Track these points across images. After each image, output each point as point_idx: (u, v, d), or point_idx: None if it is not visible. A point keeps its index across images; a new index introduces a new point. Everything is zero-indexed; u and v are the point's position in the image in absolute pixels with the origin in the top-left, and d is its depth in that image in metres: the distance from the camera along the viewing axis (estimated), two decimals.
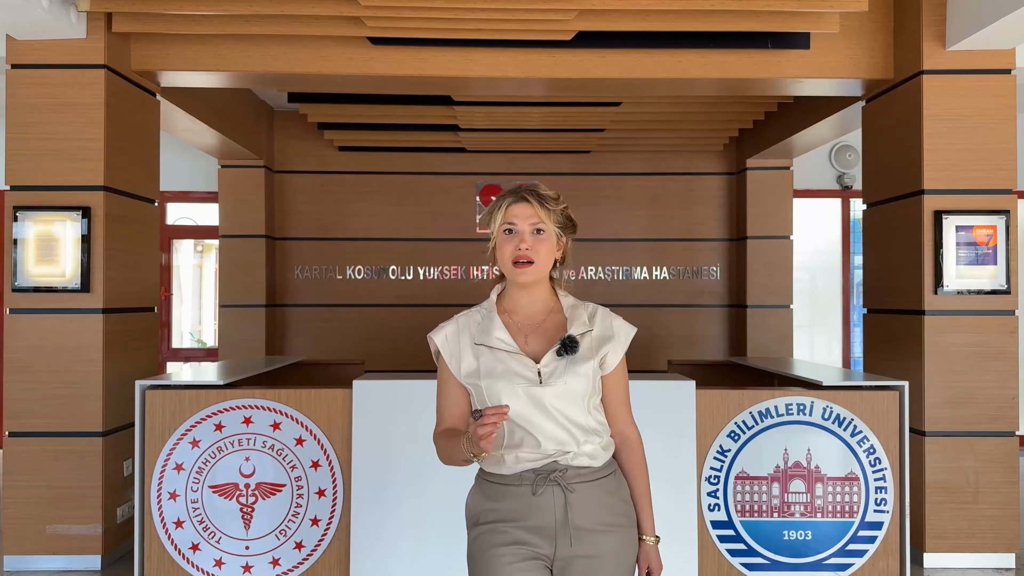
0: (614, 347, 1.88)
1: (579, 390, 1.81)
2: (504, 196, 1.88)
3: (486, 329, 1.86)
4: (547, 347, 1.84)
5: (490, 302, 1.92)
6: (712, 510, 3.60)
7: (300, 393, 3.61)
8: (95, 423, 3.98)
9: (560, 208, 1.89)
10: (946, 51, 4.04)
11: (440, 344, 1.88)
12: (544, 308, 1.91)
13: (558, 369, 1.80)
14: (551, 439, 1.78)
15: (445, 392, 1.89)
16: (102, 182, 3.99)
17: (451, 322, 1.91)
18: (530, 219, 1.84)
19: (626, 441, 1.93)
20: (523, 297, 1.89)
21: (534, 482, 1.78)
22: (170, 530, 3.56)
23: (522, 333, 1.87)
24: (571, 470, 1.79)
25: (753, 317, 6.79)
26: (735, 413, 3.62)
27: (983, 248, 4.04)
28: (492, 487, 1.84)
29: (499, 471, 1.82)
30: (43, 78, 3.98)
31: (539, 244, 1.84)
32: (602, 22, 3.96)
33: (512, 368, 1.80)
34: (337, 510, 3.57)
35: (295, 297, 7.03)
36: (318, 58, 4.21)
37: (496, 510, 1.81)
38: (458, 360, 1.86)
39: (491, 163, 7.04)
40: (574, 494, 1.78)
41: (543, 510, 1.77)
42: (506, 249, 1.84)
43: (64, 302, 3.98)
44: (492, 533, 1.80)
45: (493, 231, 1.88)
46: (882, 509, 3.59)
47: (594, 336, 1.87)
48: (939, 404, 4.03)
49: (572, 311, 1.90)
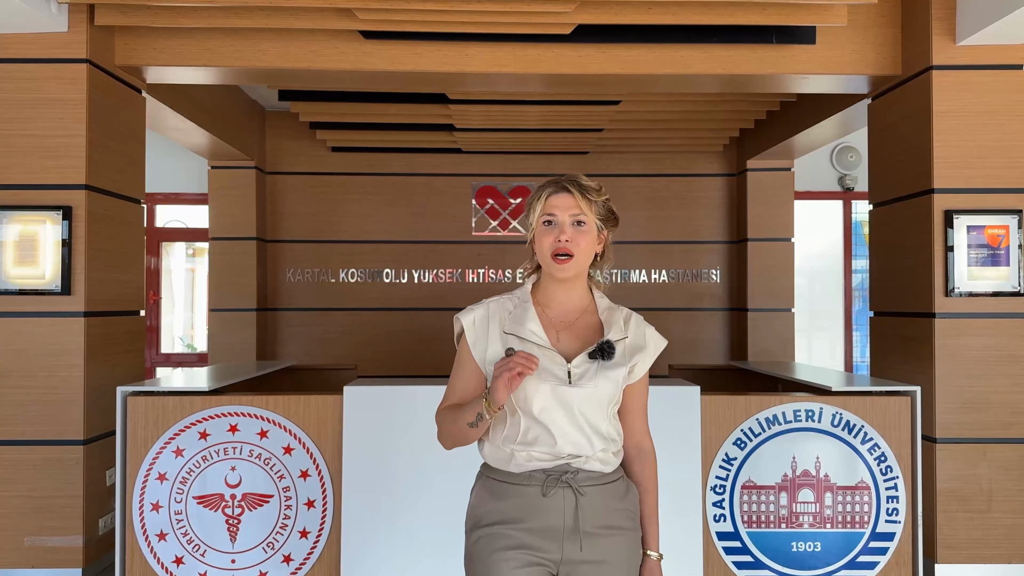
0: (644, 357, 1.84)
1: (607, 396, 1.76)
2: (545, 186, 1.82)
3: (519, 319, 1.80)
4: (578, 346, 1.79)
5: (525, 291, 1.86)
6: (718, 521, 3.47)
7: (288, 400, 3.46)
8: (76, 431, 3.83)
9: (603, 200, 1.83)
10: (956, 46, 3.93)
11: (467, 326, 1.82)
12: (580, 306, 1.85)
13: (589, 371, 1.75)
14: (569, 441, 1.73)
15: (461, 374, 1.83)
16: (84, 181, 3.84)
17: (480, 305, 1.84)
18: (571, 210, 1.78)
19: (641, 452, 1.89)
20: (560, 292, 1.84)
21: (544, 483, 1.72)
22: (153, 543, 3.41)
23: (554, 328, 1.81)
24: (582, 473, 1.74)
25: (754, 320, 6.67)
26: (741, 420, 3.48)
27: (995, 248, 3.91)
28: (499, 486, 1.77)
29: (507, 469, 1.76)
30: (22, 72, 3.84)
31: (580, 237, 1.78)
32: (602, 15, 3.84)
33: (542, 363, 1.73)
34: (327, 522, 3.43)
35: (287, 301, 6.89)
36: (308, 52, 4.08)
37: (500, 510, 1.74)
38: (484, 346, 1.80)
39: (487, 164, 6.92)
40: (585, 497, 1.72)
41: (552, 512, 1.72)
42: (545, 241, 1.77)
43: (44, 305, 3.83)
44: (494, 537, 1.73)
45: (532, 222, 1.81)
46: (893, 519, 3.46)
47: (628, 344, 1.83)
48: (951, 409, 3.90)
49: (608, 314, 1.85)
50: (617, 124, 5.97)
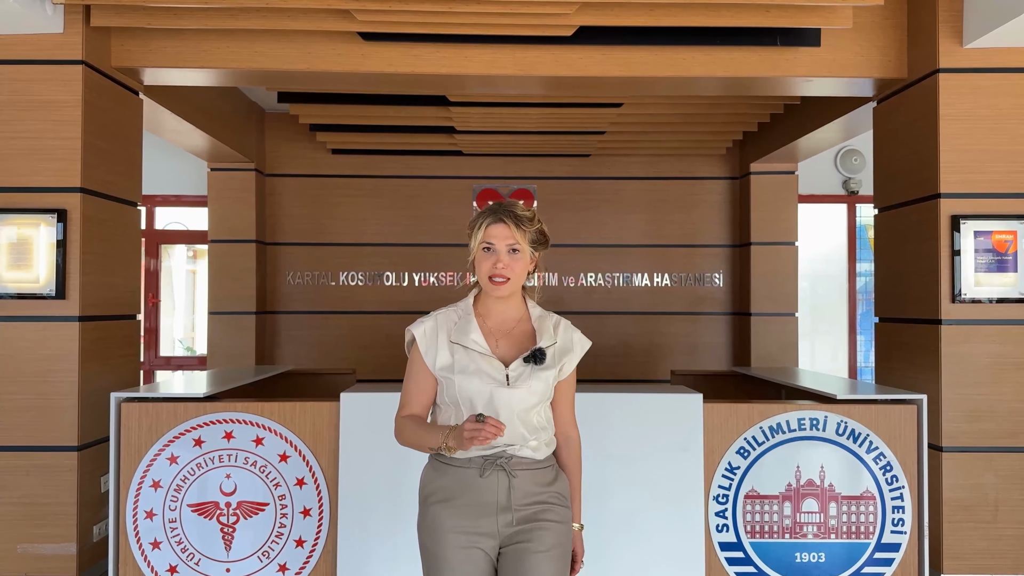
0: (571, 358, 2.12)
1: (539, 394, 2.04)
2: (484, 215, 2.07)
3: (463, 330, 2.07)
4: (515, 352, 2.07)
5: (467, 304, 2.14)
6: (720, 531, 3.41)
7: (284, 406, 3.41)
8: (70, 436, 3.78)
9: (535, 228, 2.07)
10: (963, 48, 3.87)
11: (419, 336, 2.08)
12: (515, 316, 2.12)
13: (524, 374, 2.03)
14: (505, 433, 1.92)
15: (415, 380, 2.10)
16: (79, 183, 3.79)
17: (430, 318, 2.12)
18: (507, 240, 2.03)
19: (569, 440, 2.18)
20: (497, 305, 2.11)
21: (482, 466, 2.00)
22: (146, 551, 3.36)
23: (494, 337, 2.09)
24: (515, 459, 2.02)
25: (757, 325, 6.61)
26: (744, 428, 3.43)
27: (1002, 254, 3.85)
28: (443, 467, 2.05)
29: (452, 455, 2.02)
30: (17, 74, 3.79)
31: (514, 263, 2.04)
32: (604, 17, 3.78)
33: (483, 368, 2.02)
34: (323, 530, 3.38)
35: (286, 304, 6.84)
36: (306, 54, 4.03)
37: (446, 488, 2.02)
38: (434, 354, 2.06)
39: (488, 167, 6.87)
40: (516, 479, 2.00)
41: (487, 490, 1.99)
42: (484, 266, 2.05)
43: (38, 309, 3.78)
44: (440, 517, 2.01)
45: (473, 246, 2.08)
46: (899, 530, 3.40)
47: (557, 348, 2.09)
48: (957, 418, 3.84)
49: (539, 322, 2.12)
50: (619, 126, 5.92)
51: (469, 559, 1.97)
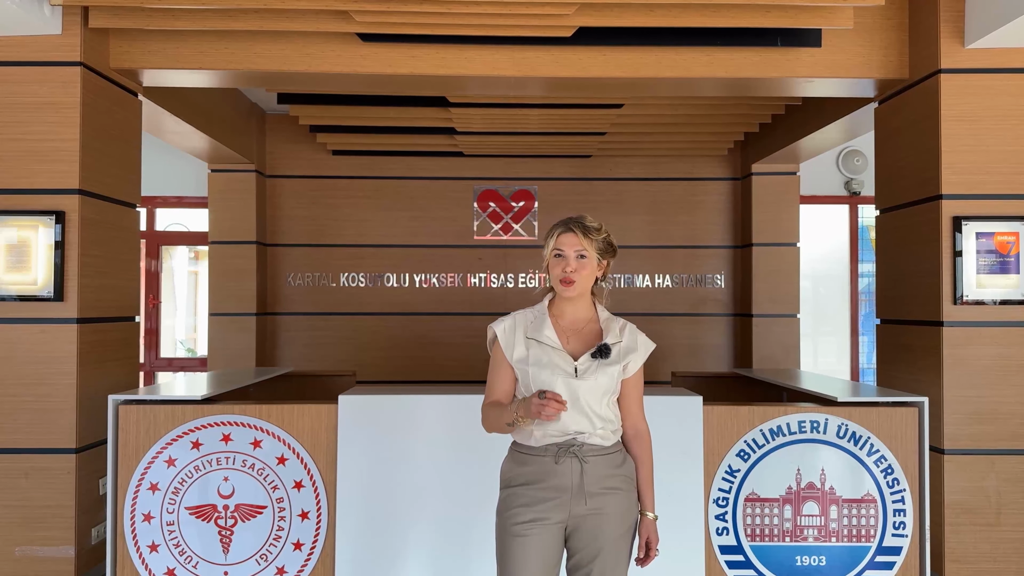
0: (636, 357, 2.33)
1: (604, 386, 2.25)
2: (557, 226, 2.33)
3: (538, 327, 2.31)
4: (584, 348, 2.29)
5: (542, 306, 2.37)
6: (720, 534, 3.39)
7: (282, 409, 3.40)
8: (68, 439, 3.77)
9: (602, 237, 2.32)
10: (964, 49, 3.85)
11: (500, 333, 2.33)
12: (585, 317, 2.36)
13: (591, 368, 2.25)
14: (575, 421, 2.21)
15: (497, 372, 2.33)
16: (77, 185, 3.78)
17: (509, 317, 2.36)
18: (575, 247, 2.28)
19: (639, 433, 2.37)
20: (568, 306, 2.35)
21: (556, 453, 2.22)
22: (144, 554, 3.35)
23: (565, 335, 2.32)
24: (586, 446, 2.23)
25: (759, 326, 6.59)
26: (745, 431, 3.41)
27: (1005, 256, 3.83)
28: (522, 456, 2.27)
29: (528, 443, 2.25)
30: (15, 76, 3.78)
31: (582, 267, 2.28)
32: (603, 18, 3.76)
33: (555, 361, 2.25)
34: (321, 534, 3.36)
35: (287, 305, 6.83)
36: (305, 56, 4.02)
37: (524, 474, 2.25)
38: (512, 348, 2.30)
39: (489, 167, 6.85)
40: (588, 464, 2.21)
41: (562, 475, 2.21)
42: (555, 270, 2.30)
43: (36, 311, 3.77)
44: (516, 495, 2.23)
45: (546, 254, 2.33)
46: (900, 533, 3.38)
47: (622, 346, 2.31)
48: (958, 420, 3.82)
49: (607, 323, 2.36)
50: (620, 127, 5.90)
51: (542, 536, 2.19)
